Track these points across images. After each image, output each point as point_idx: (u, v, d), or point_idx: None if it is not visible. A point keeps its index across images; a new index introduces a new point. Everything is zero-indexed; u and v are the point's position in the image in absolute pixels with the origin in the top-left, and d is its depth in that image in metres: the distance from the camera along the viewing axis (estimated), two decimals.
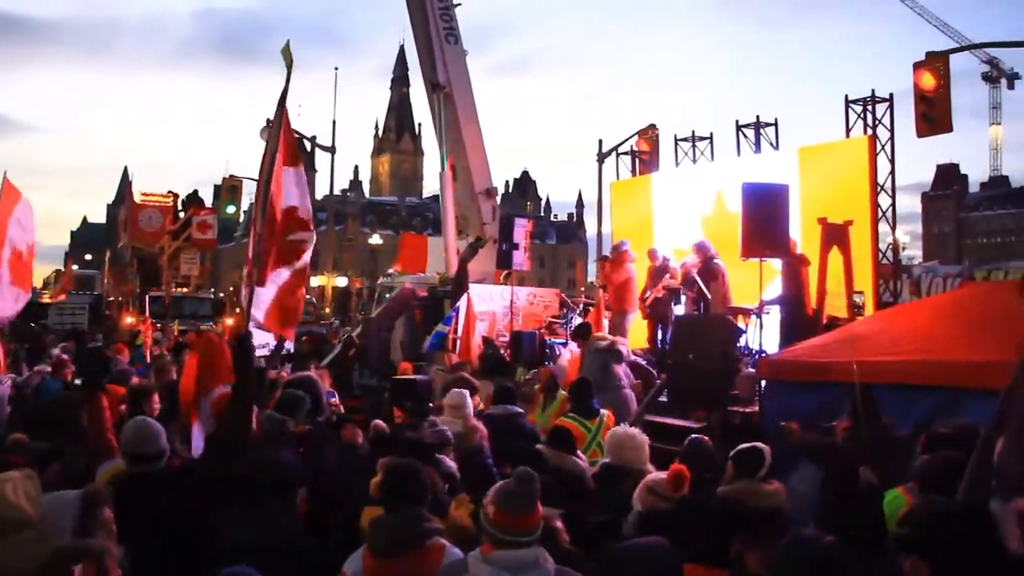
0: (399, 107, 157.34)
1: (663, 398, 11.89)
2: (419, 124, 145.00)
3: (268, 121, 21.51)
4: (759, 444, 5.55)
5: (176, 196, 48.12)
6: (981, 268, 17.61)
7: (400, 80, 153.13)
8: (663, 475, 5.27)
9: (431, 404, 8.96)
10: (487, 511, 3.62)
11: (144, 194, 45.63)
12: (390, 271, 28.33)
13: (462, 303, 16.62)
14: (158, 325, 26.15)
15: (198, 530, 4.60)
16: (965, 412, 7.59)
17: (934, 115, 15.68)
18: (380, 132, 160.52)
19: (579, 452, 7.01)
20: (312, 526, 5.61)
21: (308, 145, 37.15)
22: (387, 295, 24.90)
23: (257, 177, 8.11)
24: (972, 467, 4.28)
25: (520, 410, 8.64)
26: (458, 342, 16.26)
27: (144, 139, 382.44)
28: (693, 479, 5.41)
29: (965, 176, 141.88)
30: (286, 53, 6.57)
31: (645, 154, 21.95)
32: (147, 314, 29.86)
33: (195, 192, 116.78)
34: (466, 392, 8.18)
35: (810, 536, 3.11)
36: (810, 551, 2.97)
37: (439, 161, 21.36)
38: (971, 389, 7.32)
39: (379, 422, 7.27)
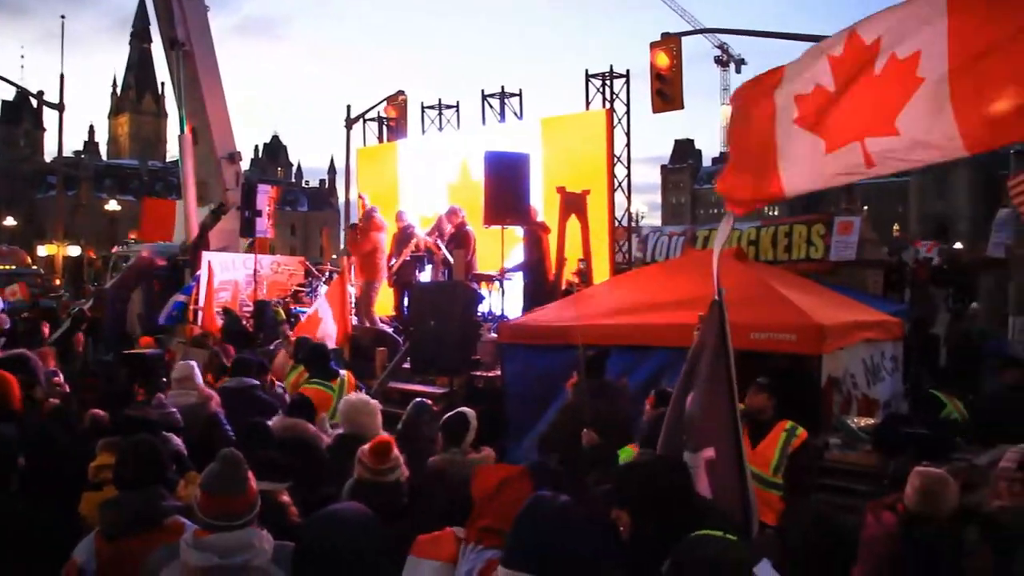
0: (139, 64, 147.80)
1: (407, 365, 11.94)
2: (162, 84, 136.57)
3: None
4: (464, 410, 5.61)
5: None
6: (702, 228, 18.78)
7: (140, 35, 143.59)
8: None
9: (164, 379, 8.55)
10: (196, 495, 3.48)
11: None
12: (128, 239, 26.83)
13: (203, 272, 16.01)
14: None
15: None
16: None
17: (668, 92, 16.52)
18: (119, 90, 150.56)
19: (323, 417, 6.95)
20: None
21: (34, 102, 34.32)
22: (123, 264, 23.58)
23: None
24: (667, 422, 4.53)
25: (256, 382, 8.37)
26: (199, 313, 15.65)
27: None
28: (418, 445, 5.44)
29: (699, 151, 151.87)
30: None
31: (393, 120, 21.77)
32: None
33: None
34: (193, 363, 7.85)
35: (547, 497, 3.15)
36: (546, 512, 3.01)
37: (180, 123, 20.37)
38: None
39: (97, 411, 6.78)
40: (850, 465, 7.33)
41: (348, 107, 25.43)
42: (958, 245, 53.97)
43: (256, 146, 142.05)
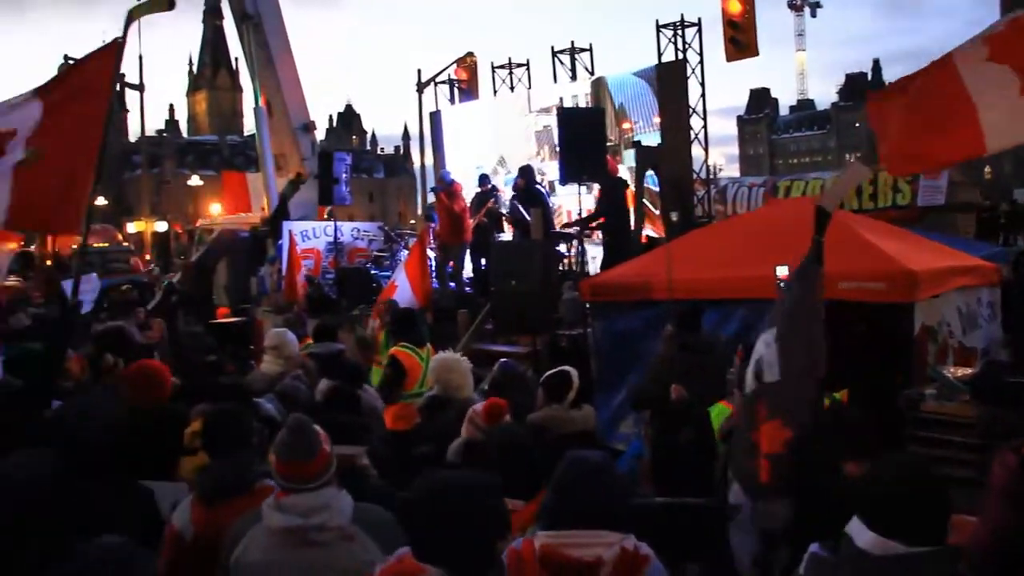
0: (213, 41, 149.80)
1: (489, 326, 11.94)
2: (235, 59, 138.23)
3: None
4: (567, 368, 5.56)
5: None
6: (783, 178, 18.32)
7: (212, 12, 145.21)
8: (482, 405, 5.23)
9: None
10: (271, 460, 3.52)
11: None
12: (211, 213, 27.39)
13: (285, 242, 16.23)
14: None
15: None
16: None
17: (742, 40, 16.08)
18: (195, 68, 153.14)
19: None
20: None
21: (117, 85, 34.74)
22: (207, 238, 24.09)
23: None
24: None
25: (343, 346, 8.43)
26: (282, 282, 15.91)
27: None
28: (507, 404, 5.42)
29: (776, 100, 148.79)
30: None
31: (464, 82, 21.69)
32: None
33: None
34: (284, 331, 7.87)
35: (585, 454, 3.14)
36: (583, 465, 2.99)
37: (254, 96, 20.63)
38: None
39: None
40: (947, 416, 7.10)
41: (419, 71, 25.33)
42: None
43: (331, 116, 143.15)
